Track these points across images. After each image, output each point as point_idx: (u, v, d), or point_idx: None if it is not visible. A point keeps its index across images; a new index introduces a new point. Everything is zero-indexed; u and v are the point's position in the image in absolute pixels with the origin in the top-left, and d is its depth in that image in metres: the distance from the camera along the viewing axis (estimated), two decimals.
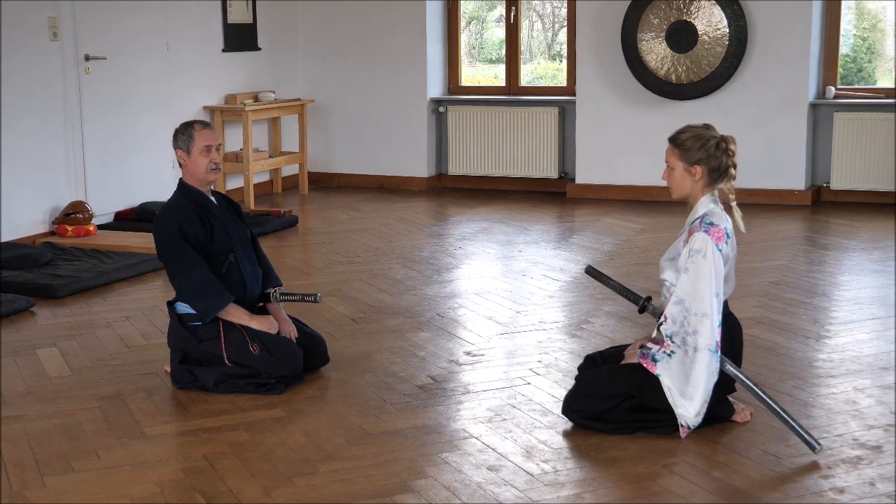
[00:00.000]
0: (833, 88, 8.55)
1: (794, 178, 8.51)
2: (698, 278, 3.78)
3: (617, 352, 4.14)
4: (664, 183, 4.01)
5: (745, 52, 8.44)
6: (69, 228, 7.26)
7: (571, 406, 3.97)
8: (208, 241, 4.46)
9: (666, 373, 3.81)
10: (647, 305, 4.03)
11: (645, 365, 3.84)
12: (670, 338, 3.81)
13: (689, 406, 3.80)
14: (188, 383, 4.41)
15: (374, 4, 9.57)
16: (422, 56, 9.46)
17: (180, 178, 4.58)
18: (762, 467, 3.58)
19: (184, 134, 4.51)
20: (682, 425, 3.83)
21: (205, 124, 4.56)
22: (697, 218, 3.90)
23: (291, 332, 4.54)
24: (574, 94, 9.17)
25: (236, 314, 4.42)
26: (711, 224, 3.84)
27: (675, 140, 3.94)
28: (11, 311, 5.58)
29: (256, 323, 4.43)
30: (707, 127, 3.98)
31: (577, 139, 9.08)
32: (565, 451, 3.76)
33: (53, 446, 3.84)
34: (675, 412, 3.82)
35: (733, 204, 3.94)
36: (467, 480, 3.52)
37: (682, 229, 3.99)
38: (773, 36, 8.42)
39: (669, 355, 3.81)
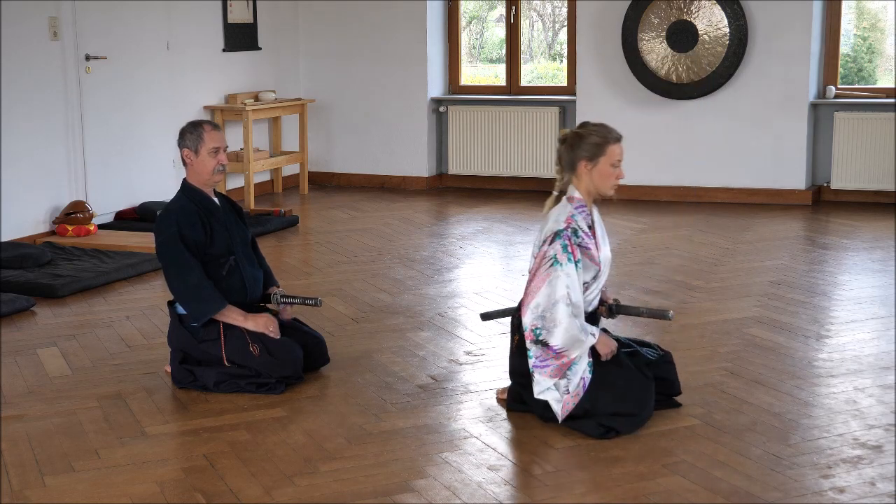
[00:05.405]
0: (833, 88, 8.55)
1: (795, 178, 8.50)
2: None
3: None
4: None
5: (746, 52, 8.44)
6: (70, 228, 7.26)
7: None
8: (208, 243, 4.45)
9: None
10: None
11: None
12: None
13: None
14: (188, 383, 4.41)
15: (374, 4, 9.58)
16: (422, 56, 9.47)
17: (184, 179, 4.57)
18: (762, 467, 3.58)
19: (192, 133, 4.49)
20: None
21: (214, 125, 4.55)
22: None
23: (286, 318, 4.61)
24: (574, 94, 9.17)
25: (231, 316, 4.41)
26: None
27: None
28: (12, 310, 5.58)
29: (252, 323, 4.41)
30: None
31: None
32: (566, 451, 3.76)
33: (54, 446, 3.84)
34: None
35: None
36: (467, 480, 3.52)
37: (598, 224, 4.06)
38: (773, 36, 8.42)
39: None
